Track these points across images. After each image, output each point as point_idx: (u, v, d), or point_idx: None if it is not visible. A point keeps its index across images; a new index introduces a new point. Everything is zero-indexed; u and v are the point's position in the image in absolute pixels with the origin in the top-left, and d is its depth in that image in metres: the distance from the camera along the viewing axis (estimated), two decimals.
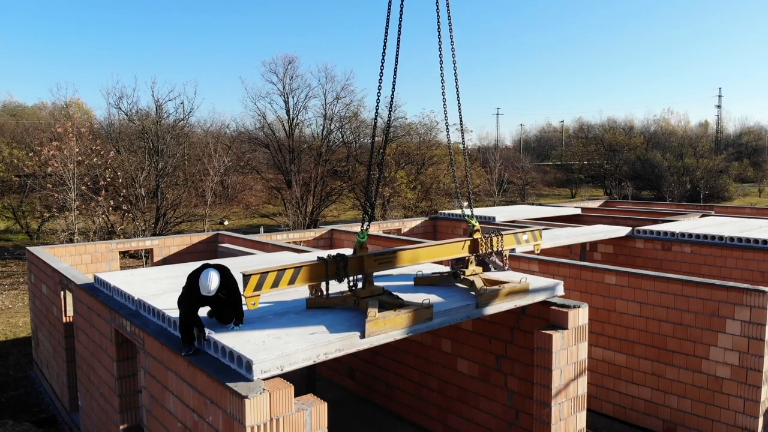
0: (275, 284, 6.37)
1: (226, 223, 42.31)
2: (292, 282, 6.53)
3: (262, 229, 18.78)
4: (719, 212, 22.84)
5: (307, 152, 40.43)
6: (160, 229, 30.98)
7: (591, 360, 11.42)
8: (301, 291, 7.69)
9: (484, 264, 8.54)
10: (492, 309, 7.70)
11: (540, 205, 28.22)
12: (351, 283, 7.09)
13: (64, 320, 11.46)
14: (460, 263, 8.40)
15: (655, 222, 19.16)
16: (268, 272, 6.32)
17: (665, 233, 15.24)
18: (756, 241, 13.64)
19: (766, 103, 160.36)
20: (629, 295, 10.86)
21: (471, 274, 8.18)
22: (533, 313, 8.41)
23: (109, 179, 28.43)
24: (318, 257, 6.93)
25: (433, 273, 8.78)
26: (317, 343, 6.02)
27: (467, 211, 8.53)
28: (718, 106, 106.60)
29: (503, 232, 8.61)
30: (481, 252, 8.30)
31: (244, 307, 6.44)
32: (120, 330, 8.28)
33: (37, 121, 72.22)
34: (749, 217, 20.04)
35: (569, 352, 8.17)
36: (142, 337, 7.46)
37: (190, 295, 6.23)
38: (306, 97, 40.89)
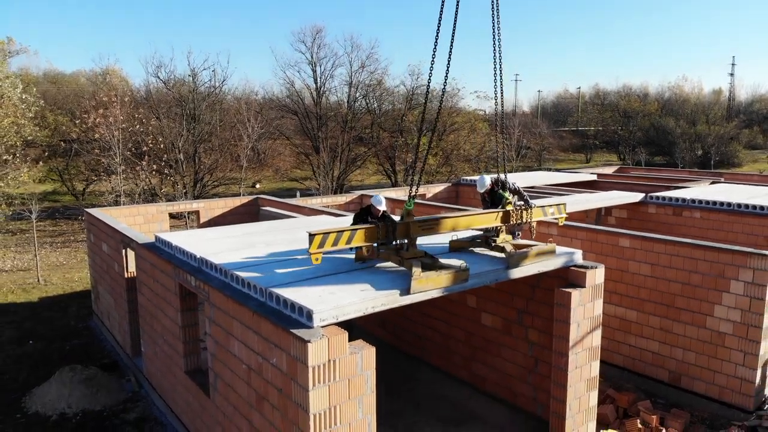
0: (335, 243, 7.39)
1: (258, 186, 43.52)
2: (348, 242, 7.53)
3: (298, 194, 19.83)
4: (728, 179, 23.33)
5: (333, 119, 41.15)
6: (199, 191, 32.31)
7: (604, 316, 12.35)
8: (345, 255, 8.74)
9: (512, 233, 9.44)
10: (520, 272, 8.60)
11: (557, 170, 28.85)
12: (397, 245, 8.03)
13: (125, 275, 12.69)
14: (492, 231, 9.26)
15: (667, 188, 19.88)
16: (329, 233, 7.33)
17: (676, 199, 15.95)
18: (762, 207, 14.33)
19: None
20: (641, 257, 11.75)
21: (502, 242, 9.04)
22: (553, 273, 9.34)
23: (151, 145, 29.68)
24: (370, 220, 7.88)
25: (465, 238, 9.65)
26: (366, 298, 7.06)
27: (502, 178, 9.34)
28: (731, 74, 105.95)
29: (532, 205, 9.43)
30: (512, 222, 9.14)
31: (308, 264, 7.52)
32: (184, 284, 9.42)
33: (77, 88, 73.79)
34: (757, 185, 20.62)
35: (586, 308, 9.14)
36: (207, 290, 8.57)
37: (360, 219, 8.46)
38: (333, 66, 41.45)
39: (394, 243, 7.96)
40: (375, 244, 8.11)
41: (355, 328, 13.66)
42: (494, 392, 11.01)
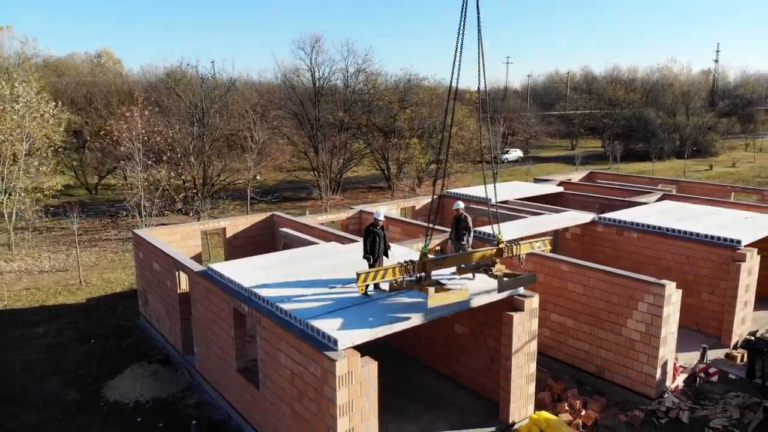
0: (374, 278, 10.94)
1: (258, 177, 46.69)
2: (383, 277, 11.05)
3: (308, 212, 23.17)
4: (680, 191, 27.18)
5: (331, 123, 44.42)
6: (208, 190, 35.76)
7: (549, 322, 16.18)
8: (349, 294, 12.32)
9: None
10: (505, 294, 12.25)
11: (539, 157, 32.40)
12: (418, 277, 11.44)
13: (178, 291, 16.21)
14: (489, 262, 12.59)
15: (621, 203, 23.66)
16: (370, 273, 10.91)
17: (619, 221, 19.62)
18: (683, 231, 18.02)
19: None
20: (576, 279, 15.42)
21: (497, 270, 12.39)
22: (504, 300, 12.93)
23: (169, 153, 33.06)
24: (398, 262, 11.25)
25: (470, 265, 12.73)
26: (371, 329, 10.66)
27: (496, 229, 12.74)
28: (716, 61, 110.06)
29: (521, 242, 12.92)
30: (504, 256, 12.60)
31: (331, 294, 11.14)
32: (238, 308, 12.98)
33: (77, 76, 76.24)
34: (703, 198, 24.36)
35: (524, 325, 12.82)
36: (258, 316, 12.14)
37: (368, 231, 11.94)
38: (330, 71, 44.58)
39: (416, 276, 11.36)
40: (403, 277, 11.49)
41: None
42: (466, 384, 14.73)
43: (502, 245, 12.61)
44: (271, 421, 12.33)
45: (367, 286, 11.36)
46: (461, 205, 13.86)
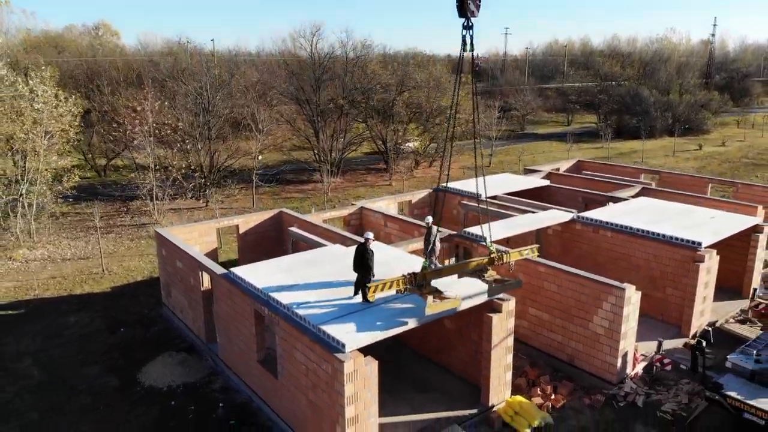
0: (382, 289, 13.06)
1: (260, 158, 48.52)
2: (390, 288, 13.15)
3: (313, 210, 25.11)
4: (661, 182, 29.31)
5: (332, 109, 46.16)
6: (215, 175, 37.98)
7: (528, 315, 18.42)
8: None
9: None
10: (495, 296, 14.47)
11: (536, 134, 34.35)
12: (419, 284, 13.51)
13: (202, 289, 18.35)
14: (483, 268, 14.73)
15: (602, 197, 25.74)
16: (378, 284, 13.03)
17: (594, 220, 21.71)
18: (650, 232, 20.13)
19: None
20: (551, 279, 17.59)
21: (489, 276, 14.55)
22: (484, 303, 15.11)
23: (179, 144, 34.98)
24: (402, 275, 13.30)
25: (467, 271, 14.87)
26: (373, 333, 12.83)
27: (487, 236, 14.82)
28: (713, 35, 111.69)
29: (511, 252, 15.06)
30: (496, 264, 14.73)
31: (339, 299, 13.39)
32: (258, 310, 15.15)
33: (77, 51, 77.26)
34: (679, 193, 26.44)
35: (502, 324, 15.04)
36: (277, 319, 14.31)
37: (358, 251, 13.95)
38: (328, 58, 46.03)
39: (418, 284, 13.45)
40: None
41: None
42: (455, 371, 17.02)
43: (493, 255, 14.71)
44: (288, 406, 14.63)
45: (370, 294, 13.49)
46: (430, 219, 16.09)
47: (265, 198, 41.31)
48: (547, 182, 29.26)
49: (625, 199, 25.46)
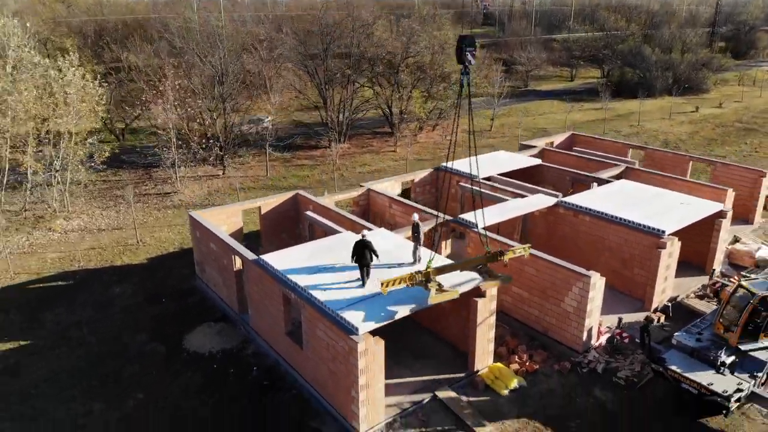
0: (394, 284, 16.15)
1: (269, 118, 50.97)
2: (401, 283, 16.25)
3: (326, 193, 27.91)
4: (647, 158, 32.10)
5: (339, 79, 48.37)
6: (230, 143, 41.07)
7: (511, 292, 21.62)
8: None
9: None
10: (490, 285, 17.63)
11: (538, 92, 36.93)
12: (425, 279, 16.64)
13: (234, 269, 21.53)
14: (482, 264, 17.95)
15: (587, 177, 28.52)
16: (391, 280, 16.07)
17: (575, 205, 24.62)
18: (621, 218, 23.06)
19: None
20: (531, 264, 20.69)
21: (485, 270, 17.72)
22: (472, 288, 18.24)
23: (198, 120, 37.72)
24: (410, 273, 16.40)
25: (467, 267, 18.16)
26: (384, 316, 16.04)
27: (483, 233, 17.91)
28: None
29: (506, 251, 18.08)
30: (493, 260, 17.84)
31: (354, 285, 16.62)
32: (286, 294, 18.35)
33: (84, 6, 78.30)
34: (659, 174, 29.20)
35: (486, 306, 18.26)
36: (302, 303, 17.52)
37: (356, 247, 16.93)
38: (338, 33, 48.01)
39: (423, 279, 16.56)
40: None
41: None
42: (450, 341, 20.36)
43: (489, 254, 17.74)
44: (311, 372, 18.05)
45: (383, 288, 16.58)
46: (416, 217, 19.05)
47: (277, 165, 44.08)
48: (539, 161, 31.95)
49: (608, 181, 28.25)
